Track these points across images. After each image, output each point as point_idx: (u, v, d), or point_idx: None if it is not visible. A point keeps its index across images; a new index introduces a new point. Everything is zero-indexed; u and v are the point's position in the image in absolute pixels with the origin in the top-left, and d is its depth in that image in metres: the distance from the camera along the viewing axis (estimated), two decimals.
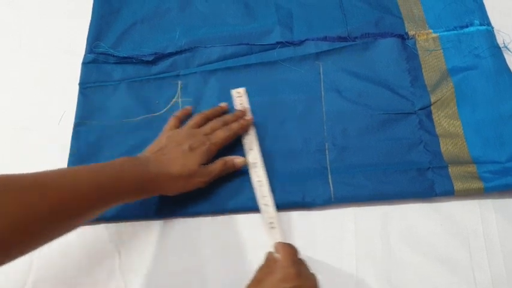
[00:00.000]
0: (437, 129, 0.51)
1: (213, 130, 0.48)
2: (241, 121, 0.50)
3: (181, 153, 0.44)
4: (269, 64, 0.56)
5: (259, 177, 0.47)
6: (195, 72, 0.56)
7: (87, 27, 0.59)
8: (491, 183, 0.46)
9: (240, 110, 0.52)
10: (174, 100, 0.54)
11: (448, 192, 0.47)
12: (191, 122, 0.49)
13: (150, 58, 0.56)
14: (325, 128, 0.52)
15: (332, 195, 0.47)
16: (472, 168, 0.48)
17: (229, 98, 0.54)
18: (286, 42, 0.56)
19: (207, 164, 0.46)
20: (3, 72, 0.58)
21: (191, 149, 0.45)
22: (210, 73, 0.55)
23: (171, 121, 0.50)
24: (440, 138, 0.50)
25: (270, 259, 0.41)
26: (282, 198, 0.47)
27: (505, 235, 0.46)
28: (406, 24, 0.58)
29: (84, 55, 0.57)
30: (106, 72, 0.56)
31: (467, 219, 0.47)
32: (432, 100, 0.52)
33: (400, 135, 0.51)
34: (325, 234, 0.46)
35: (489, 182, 0.47)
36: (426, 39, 0.57)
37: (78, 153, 0.51)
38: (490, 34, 0.56)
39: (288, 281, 0.37)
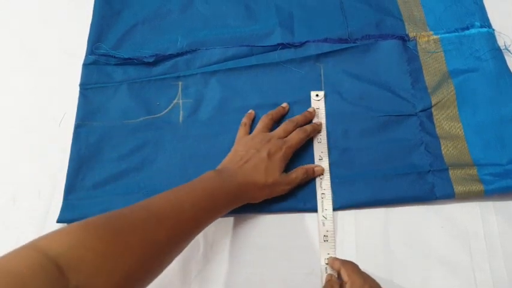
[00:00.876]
0: (438, 131, 0.51)
1: (286, 132, 0.49)
2: (314, 125, 0.51)
3: (261, 161, 0.45)
4: (270, 65, 0.56)
5: (323, 190, 0.48)
6: (196, 74, 0.56)
7: (88, 28, 0.59)
8: (492, 186, 0.46)
9: (309, 111, 0.52)
10: (175, 101, 0.54)
11: (448, 196, 0.47)
12: (260, 126, 0.50)
13: (151, 59, 0.56)
14: (326, 129, 0.52)
15: (332, 203, 0.47)
16: (473, 170, 0.48)
17: (229, 99, 0.54)
18: (287, 43, 0.56)
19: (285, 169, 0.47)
20: (4, 74, 0.59)
21: (269, 155, 0.46)
22: (211, 74, 0.55)
23: (241, 130, 0.51)
24: (441, 140, 0.50)
25: (331, 280, 0.42)
26: (283, 203, 0.48)
27: (505, 237, 0.46)
28: (407, 26, 0.58)
29: (85, 56, 0.57)
30: (107, 73, 0.56)
31: (468, 221, 0.47)
32: (433, 102, 0.52)
33: (401, 137, 0.50)
34: None
35: (490, 185, 0.46)
36: (427, 41, 0.56)
37: (78, 155, 0.51)
38: (491, 36, 0.56)
39: None
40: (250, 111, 0.53)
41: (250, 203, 0.46)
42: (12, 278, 0.26)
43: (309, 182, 0.49)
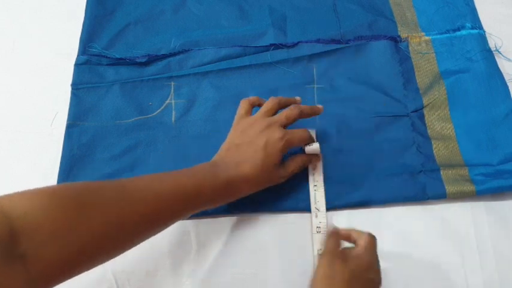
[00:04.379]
0: (429, 132, 0.51)
1: (289, 120, 0.45)
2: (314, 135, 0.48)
3: (256, 152, 0.43)
4: (263, 66, 0.56)
5: (315, 182, 0.48)
6: (189, 74, 0.55)
7: (80, 28, 0.59)
8: (483, 186, 0.47)
9: (318, 107, 0.48)
10: (167, 102, 0.54)
11: (440, 196, 0.47)
12: (264, 108, 0.46)
13: (144, 59, 0.56)
14: (318, 130, 0.52)
15: (325, 195, 0.47)
16: (464, 171, 0.48)
17: (222, 99, 0.54)
18: (280, 44, 0.57)
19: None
20: None
21: (267, 145, 0.43)
22: (204, 75, 0.55)
23: (244, 105, 0.47)
24: (432, 141, 0.50)
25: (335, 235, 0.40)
26: (276, 203, 0.48)
27: (497, 238, 0.46)
28: (399, 27, 0.58)
29: (77, 56, 0.57)
30: (99, 73, 0.56)
31: (460, 221, 0.47)
32: (425, 103, 0.53)
33: (393, 138, 0.51)
34: None
35: (481, 185, 0.47)
36: (419, 42, 0.57)
37: (70, 155, 0.51)
38: (482, 38, 0.56)
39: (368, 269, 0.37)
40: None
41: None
42: None
43: (301, 180, 0.48)
